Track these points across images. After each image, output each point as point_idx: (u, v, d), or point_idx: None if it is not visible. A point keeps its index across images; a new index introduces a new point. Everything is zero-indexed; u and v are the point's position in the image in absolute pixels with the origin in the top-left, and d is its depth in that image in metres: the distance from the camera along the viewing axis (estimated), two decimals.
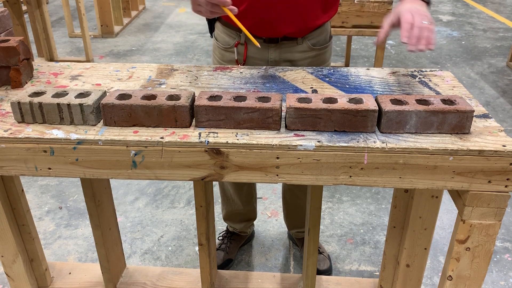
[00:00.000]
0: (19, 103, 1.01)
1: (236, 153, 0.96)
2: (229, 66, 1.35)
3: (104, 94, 1.06)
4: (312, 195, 1.32)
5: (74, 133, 0.99)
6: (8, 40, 1.19)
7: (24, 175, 1.04)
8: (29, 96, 1.03)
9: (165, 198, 2.37)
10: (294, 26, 1.37)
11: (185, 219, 2.22)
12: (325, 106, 0.97)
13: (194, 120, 1.02)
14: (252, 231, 2.08)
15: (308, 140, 0.95)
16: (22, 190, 1.41)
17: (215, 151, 0.96)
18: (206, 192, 1.37)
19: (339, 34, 2.76)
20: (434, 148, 0.93)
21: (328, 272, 1.87)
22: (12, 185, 1.36)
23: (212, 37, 1.57)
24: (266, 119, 0.98)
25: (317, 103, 0.98)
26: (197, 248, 2.02)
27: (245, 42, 1.43)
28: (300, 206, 1.83)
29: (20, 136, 0.98)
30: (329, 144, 0.94)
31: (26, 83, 1.24)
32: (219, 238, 1.98)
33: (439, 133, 0.98)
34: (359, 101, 1.00)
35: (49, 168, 1.01)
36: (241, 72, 1.31)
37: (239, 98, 1.02)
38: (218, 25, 1.50)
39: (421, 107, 0.96)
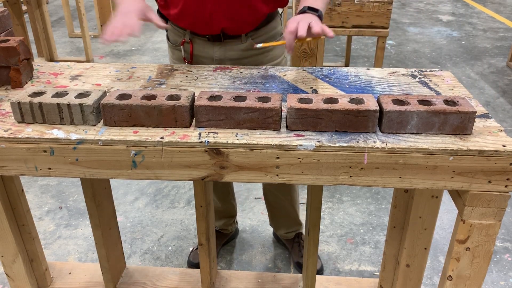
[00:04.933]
0: (19, 103, 1.01)
1: (236, 153, 0.96)
2: (229, 66, 1.36)
3: (104, 94, 1.05)
4: (312, 195, 1.32)
5: (74, 133, 0.99)
6: (8, 40, 1.19)
7: (24, 175, 1.04)
8: (29, 96, 1.03)
9: (165, 198, 2.37)
10: (230, 21, 1.37)
11: (185, 219, 2.22)
12: (326, 106, 0.97)
13: (194, 120, 1.02)
14: (235, 229, 2.07)
15: (308, 140, 0.95)
16: (22, 190, 1.41)
17: (215, 151, 0.96)
18: (206, 192, 1.37)
19: (339, 34, 2.75)
20: (434, 148, 0.93)
21: (320, 271, 1.88)
22: (12, 185, 1.36)
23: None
24: (266, 119, 0.98)
25: (318, 103, 0.98)
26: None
27: (190, 40, 1.44)
28: (283, 206, 1.84)
29: (20, 136, 0.98)
30: (329, 144, 0.94)
31: (26, 83, 1.24)
32: None
33: (441, 133, 0.98)
34: (360, 101, 1.00)
35: (49, 168, 1.01)
36: (241, 72, 1.31)
37: (239, 98, 1.02)
38: (169, 24, 1.51)
39: (422, 108, 0.96)
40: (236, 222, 2.07)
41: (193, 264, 1.89)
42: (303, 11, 1.21)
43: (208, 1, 1.33)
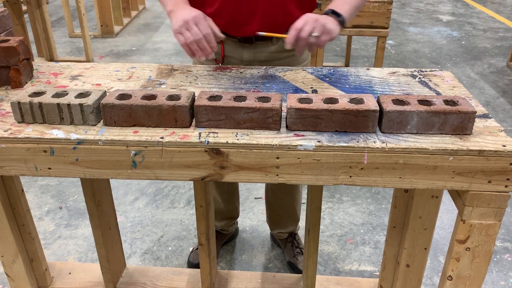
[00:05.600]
0: (19, 103, 1.01)
1: (236, 153, 0.96)
2: (229, 66, 1.36)
3: (104, 94, 1.05)
4: (312, 195, 1.32)
5: (74, 133, 0.99)
6: (8, 40, 1.19)
7: (24, 175, 1.04)
8: (29, 96, 1.03)
9: (165, 198, 2.37)
10: (265, 25, 1.36)
11: (185, 219, 2.22)
12: (326, 106, 0.97)
13: (194, 120, 1.02)
14: (235, 229, 2.07)
15: (308, 140, 0.95)
16: (22, 190, 1.41)
17: (215, 151, 0.96)
18: (206, 192, 1.37)
19: (339, 34, 2.76)
20: (434, 148, 0.93)
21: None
22: (12, 185, 1.36)
23: None
24: (266, 119, 0.98)
25: (318, 103, 0.98)
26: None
27: (221, 41, 1.43)
28: (283, 206, 1.84)
29: (20, 136, 0.98)
30: (329, 144, 0.94)
31: (26, 83, 1.24)
32: None
33: (441, 133, 0.98)
34: (360, 101, 1.00)
35: (49, 168, 1.01)
36: (241, 72, 1.31)
37: (239, 98, 1.02)
38: None
39: (422, 108, 0.96)
40: (236, 222, 2.07)
41: (193, 264, 1.89)
42: (326, 13, 1.23)
43: (245, 3, 1.32)
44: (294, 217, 1.89)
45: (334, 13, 1.23)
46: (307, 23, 1.15)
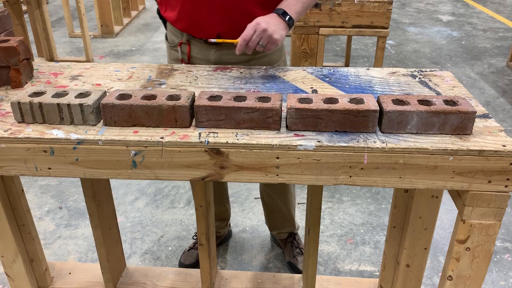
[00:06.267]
0: (19, 103, 1.01)
1: (236, 153, 0.96)
2: (229, 66, 1.36)
3: (104, 94, 1.05)
4: (312, 195, 1.32)
5: (74, 133, 0.99)
6: (8, 40, 1.19)
7: (24, 175, 1.04)
8: (29, 96, 1.03)
9: (165, 198, 2.37)
10: (226, 25, 1.37)
11: (185, 219, 2.22)
12: (326, 106, 0.97)
13: (194, 120, 1.02)
14: (228, 231, 2.07)
15: (308, 140, 0.95)
16: (22, 190, 1.41)
17: (215, 151, 0.96)
18: (206, 192, 1.37)
19: (339, 34, 2.75)
20: (434, 148, 0.93)
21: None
22: (12, 185, 1.36)
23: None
24: (266, 119, 0.98)
25: (318, 103, 0.98)
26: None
27: (187, 41, 1.45)
28: (278, 207, 1.84)
29: (20, 136, 0.98)
30: (329, 144, 0.94)
31: (26, 83, 1.24)
32: (194, 238, 1.99)
33: (441, 133, 0.98)
34: (360, 101, 1.00)
35: (49, 168, 1.01)
36: (241, 72, 1.31)
37: (239, 98, 1.01)
38: (167, 25, 1.52)
39: (422, 108, 0.96)
40: (229, 225, 2.07)
41: (184, 265, 1.89)
42: (277, 13, 1.28)
43: (204, 5, 1.34)
44: (288, 218, 1.89)
45: (285, 14, 1.28)
46: (255, 33, 1.22)
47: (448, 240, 2.07)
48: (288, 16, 1.28)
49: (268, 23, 1.23)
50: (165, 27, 1.55)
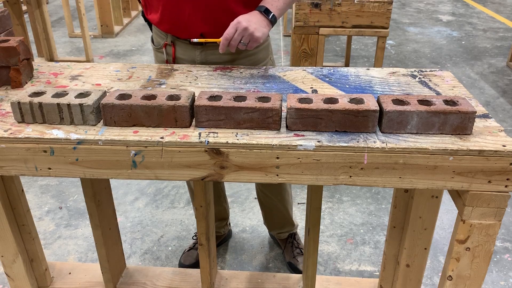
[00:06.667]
0: (19, 103, 1.01)
1: (236, 153, 0.96)
2: (229, 66, 1.36)
3: (104, 94, 1.05)
4: (312, 195, 1.32)
5: (74, 133, 0.99)
6: (8, 40, 1.19)
7: (24, 175, 1.04)
8: (29, 96, 1.03)
9: (165, 198, 2.37)
10: (209, 25, 1.37)
11: (185, 219, 2.22)
12: (326, 106, 0.97)
13: (194, 120, 1.02)
14: (228, 231, 2.06)
15: (308, 140, 0.95)
16: (22, 190, 1.41)
17: (215, 151, 0.96)
18: (206, 192, 1.37)
19: (339, 34, 2.75)
20: (434, 148, 0.93)
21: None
22: (12, 185, 1.36)
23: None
24: (266, 119, 0.98)
25: (318, 103, 0.98)
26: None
27: (172, 43, 1.45)
28: (275, 206, 1.83)
29: (20, 136, 0.98)
30: (329, 144, 0.94)
31: (26, 83, 1.24)
32: (194, 238, 1.99)
33: (441, 133, 0.98)
34: (360, 101, 1.00)
35: (49, 168, 1.01)
36: (241, 72, 1.31)
37: (239, 98, 1.02)
38: (153, 27, 1.52)
39: (422, 108, 0.96)
40: (229, 224, 2.06)
41: (184, 266, 1.89)
42: (259, 10, 1.28)
43: (186, 5, 1.34)
44: (286, 216, 1.89)
45: (267, 11, 1.27)
46: (236, 31, 1.22)
47: (448, 240, 2.07)
48: (270, 14, 1.27)
49: (249, 21, 1.23)
50: (151, 29, 1.55)
